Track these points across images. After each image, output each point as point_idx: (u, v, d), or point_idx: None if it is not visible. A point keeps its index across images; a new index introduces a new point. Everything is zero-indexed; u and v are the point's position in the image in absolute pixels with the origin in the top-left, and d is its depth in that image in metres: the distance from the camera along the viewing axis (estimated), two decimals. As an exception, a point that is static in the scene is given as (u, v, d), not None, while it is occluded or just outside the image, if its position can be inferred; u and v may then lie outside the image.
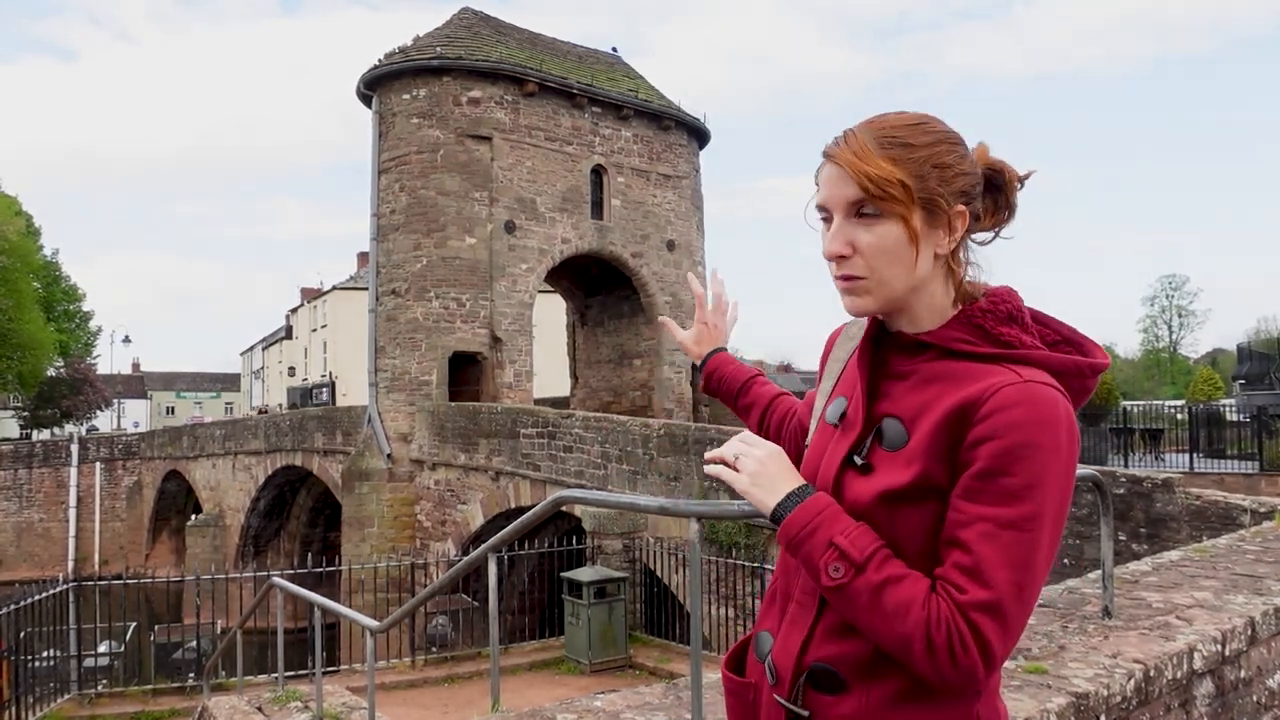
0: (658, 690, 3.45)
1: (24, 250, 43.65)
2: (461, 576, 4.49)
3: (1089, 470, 3.93)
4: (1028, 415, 1.28)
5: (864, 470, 1.41)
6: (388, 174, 23.26)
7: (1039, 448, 1.28)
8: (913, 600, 1.28)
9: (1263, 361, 26.04)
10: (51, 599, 11.56)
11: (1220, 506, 8.54)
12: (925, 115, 1.45)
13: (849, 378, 1.56)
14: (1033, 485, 1.28)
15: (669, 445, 14.36)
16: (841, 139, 1.44)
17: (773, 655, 1.49)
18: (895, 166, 1.38)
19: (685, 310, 26.76)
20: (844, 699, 1.39)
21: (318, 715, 5.98)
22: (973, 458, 1.30)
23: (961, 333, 1.42)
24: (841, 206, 1.42)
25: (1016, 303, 1.45)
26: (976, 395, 1.32)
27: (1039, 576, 1.30)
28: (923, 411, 1.38)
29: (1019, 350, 1.39)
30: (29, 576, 29.36)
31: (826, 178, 1.44)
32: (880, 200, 1.38)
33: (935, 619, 1.26)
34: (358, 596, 18.36)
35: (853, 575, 1.31)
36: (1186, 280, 72.63)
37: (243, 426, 34.46)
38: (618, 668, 12.13)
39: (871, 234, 1.39)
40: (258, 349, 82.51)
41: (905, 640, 1.28)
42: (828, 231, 1.45)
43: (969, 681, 1.28)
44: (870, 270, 1.40)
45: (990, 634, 1.26)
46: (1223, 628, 3.47)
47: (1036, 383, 1.32)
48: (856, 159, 1.39)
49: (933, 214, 1.40)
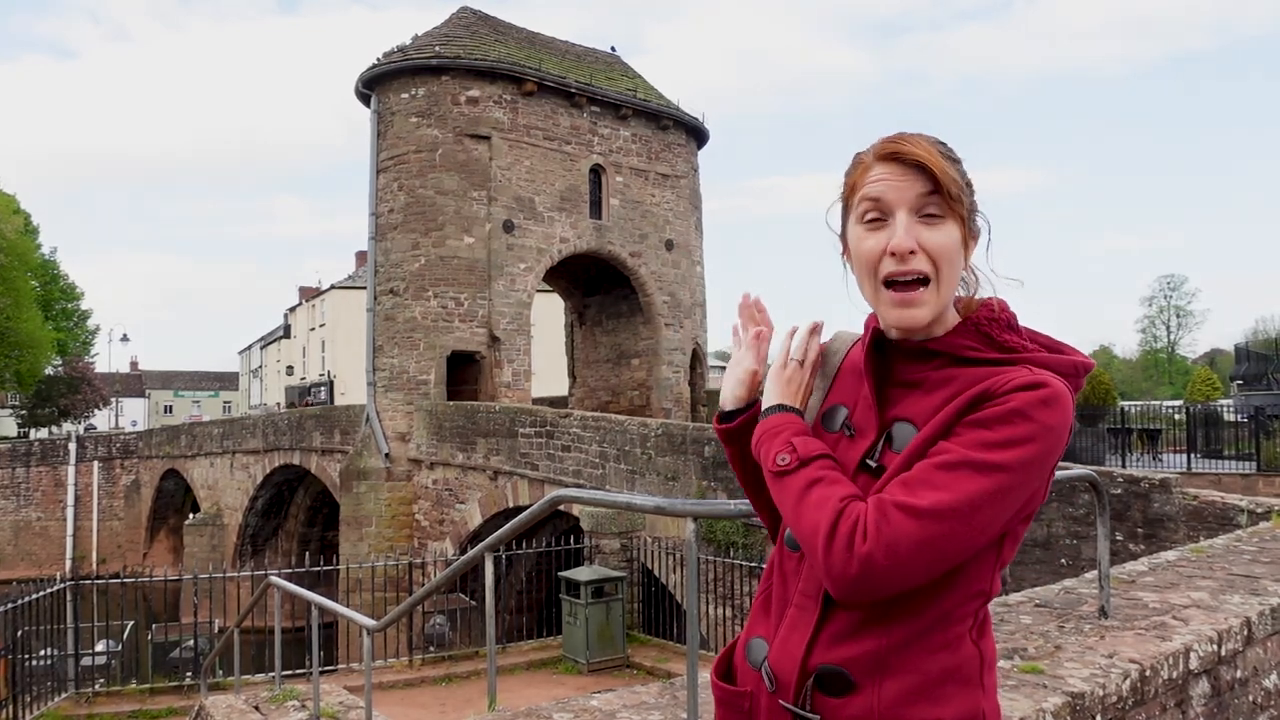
0: (654, 690, 3.46)
1: (22, 249, 43.64)
2: (459, 576, 4.49)
3: (1086, 470, 3.94)
4: (1032, 396, 1.34)
5: (878, 473, 1.43)
6: (386, 173, 23.25)
7: (1029, 419, 1.32)
8: (834, 495, 1.36)
9: (1261, 362, 26.04)
10: (49, 598, 11.54)
11: (1217, 507, 8.55)
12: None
13: (846, 387, 1.58)
14: (1009, 443, 1.31)
15: (667, 445, 14.37)
16: (898, 139, 1.45)
17: (770, 661, 1.48)
18: (956, 172, 1.44)
19: (683, 310, 26.78)
20: (853, 699, 1.38)
21: (315, 714, 5.97)
22: (970, 417, 1.35)
23: (970, 340, 1.45)
24: (909, 203, 1.42)
25: (1012, 311, 1.50)
26: (992, 384, 1.37)
27: (979, 525, 1.31)
28: (937, 414, 1.41)
29: (1023, 354, 1.43)
30: (27, 575, 29.29)
31: (885, 175, 1.44)
32: (952, 200, 1.42)
33: (847, 512, 1.33)
34: (355, 596, 18.32)
35: (796, 465, 1.43)
36: (1185, 280, 72.91)
37: (241, 425, 34.45)
38: (615, 667, 12.12)
39: (938, 233, 1.42)
40: (256, 348, 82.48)
41: (813, 528, 1.34)
42: (872, 232, 1.45)
43: (862, 581, 1.29)
44: (935, 270, 1.42)
45: (901, 531, 1.27)
46: (1219, 628, 3.47)
47: (1046, 375, 1.38)
48: (936, 155, 1.43)
49: (968, 224, 1.46)
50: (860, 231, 1.46)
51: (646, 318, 26.32)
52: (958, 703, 1.37)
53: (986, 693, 1.42)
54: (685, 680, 3.03)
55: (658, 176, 26.61)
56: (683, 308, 26.81)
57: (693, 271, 27.52)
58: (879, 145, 1.47)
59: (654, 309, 26.18)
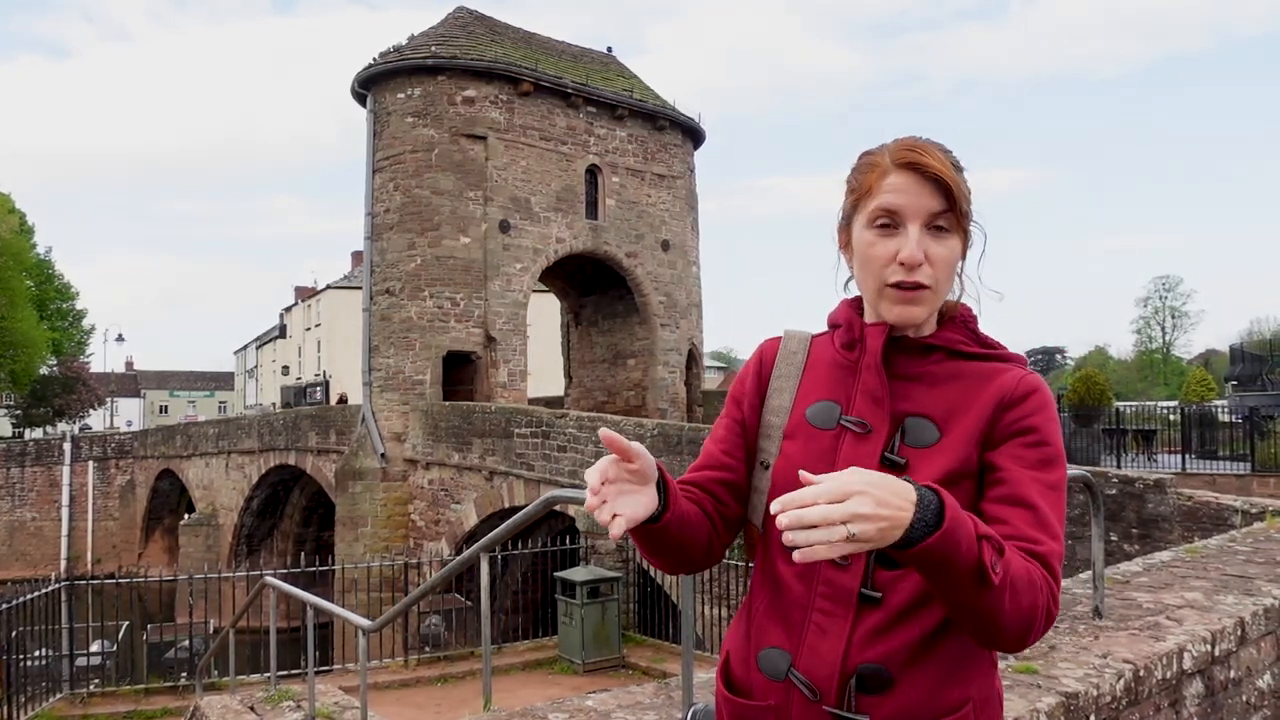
0: (649, 689, 3.46)
1: (17, 248, 43.54)
2: (455, 576, 4.50)
3: (1080, 471, 3.95)
4: (1046, 397, 1.47)
5: (901, 469, 1.44)
6: (382, 173, 23.22)
7: (1054, 424, 1.46)
8: (1029, 568, 1.29)
9: (1256, 363, 26.04)
10: (44, 598, 11.53)
11: (1212, 507, 8.56)
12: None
13: (828, 383, 1.58)
14: (1059, 454, 1.44)
15: (663, 445, 14.37)
16: (916, 149, 1.47)
17: (802, 669, 1.45)
18: (965, 186, 1.49)
19: (679, 310, 26.79)
20: (892, 695, 1.40)
21: (310, 714, 5.97)
22: (1017, 430, 1.43)
23: (960, 335, 1.54)
24: (923, 215, 1.46)
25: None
26: (1009, 387, 1.46)
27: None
28: (955, 409, 1.47)
29: (1001, 350, 1.55)
30: (21, 575, 29.23)
31: (902, 186, 1.46)
32: (960, 216, 1.48)
33: (1044, 579, 1.31)
34: (351, 596, 18.33)
35: (1007, 564, 1.24)
36: (1180, 281, 73.02)
37: (236, 426, 34.41)
38: (611, 667, 12.12)
39: (943, 247, 1.47)
40: (251, 348, 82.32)
41: (1034, 609, 1.28)
42: (881, 238, 1.47)
43: (1042, 633, 1.35)
44: (935, 281, 1.47)
45: (1059, 580, 1.36)
46: (1213, 628, 3.48)
47: (1034, 374, 1.50)
48: (953, 172, 1.46)
49: (967, 236, 1.52)
50: (870, 236, 1.48)
51: (642, 318, 26.32)
52: (979, 682, 1.45)
53: (997, 673, 1.52)
54: (680, 680, 3.04)
55: (654, 177, 26.61)
56: (679, 308, 26.82)
57: (689, 272, 27.53)
58: (897, 153, 1.47)
59: (650, 309, 26.18)
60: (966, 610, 1.25)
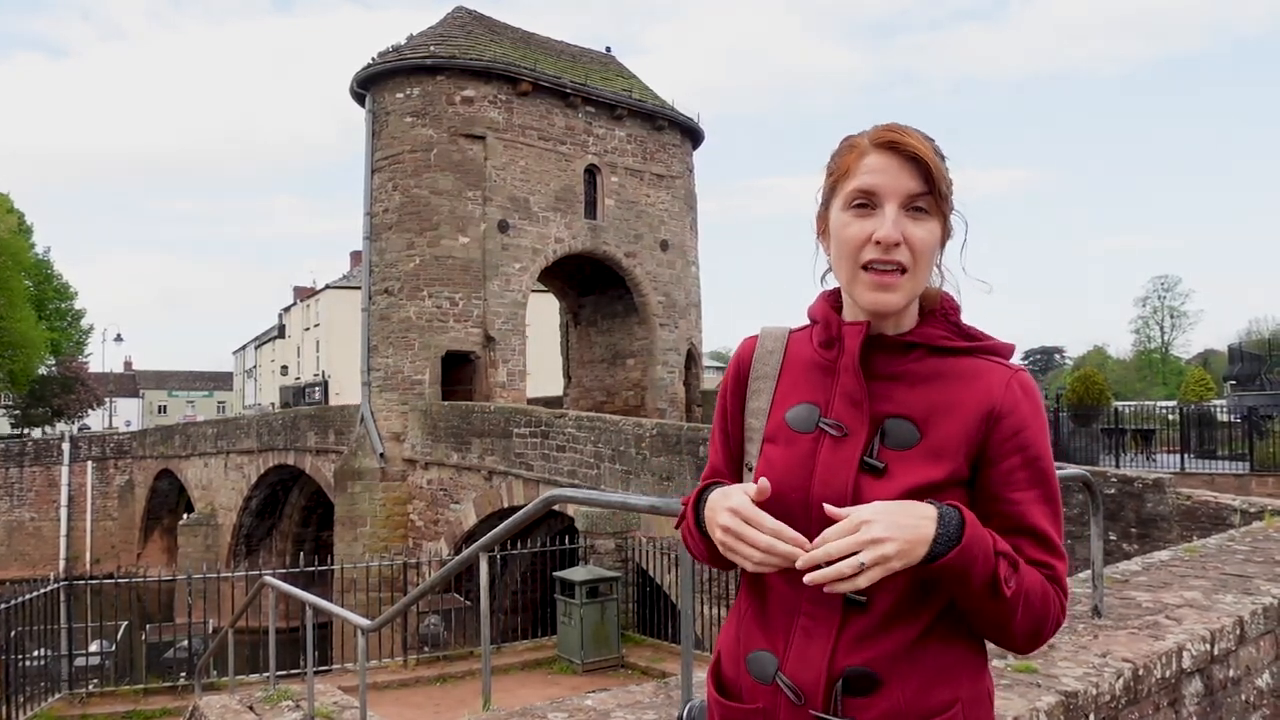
0: (649, 689, 3.46)
1: (15, 248, 43.50)
2: (454, 575, 4.49)
3: (1079, 470, 3.95)
4: (1035, 403, 1.46)
5: (881, 473, 1.42)
6: (381, 173, 23.22)
7: (1045, 429, 1.48)
8: (1042, 581, 1.41)
9: (1254, 362, 26.07)
10: (43, 598, 11.53)
11: (1211, 506, 8.57)
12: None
13: (806, 384, 1.55)
14: (1050, 462, 1.47)
15: (662, 445, 14.37)
16: (895, 130, 1.45)
17: (789, 674, 1.44)
18: (945, 170, 1.47)
19: (678, 310, 26.79)
20: (879, 697, 1.39)
21: (309, 714, 5.97)
22: (1011, 447, 1.43)
23: (941, 330, 1.50)
24: (900, 196, 1.43)
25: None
26: (997, 396, 1.44)
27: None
28: (936, 411, 1.44)
29: (986, 343, 1.51)
30: (20, 575, 29.21)
31: (880, 166, 1.44)
32: (940, 198, 1.45)
33: (1055, 593, 1.42)
34: (350, 596, 18.34)
35: (1020, 578, 1.38)
36: (1179, 281, 72.96)
37: (235, 425, 34.39)
38: (610, 667, 12.12)
39: (922, 229, 1.44)
40: (250, 348, 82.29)
41: (1045, 619, 1.41)
42: (858, 219, 1.45)
43: (1050, 637, 1.46)
44: (913, 264, 1.44)
45: (1067, 592, 1.45)
46: (1212, 627, 3.49)
47: (1021, 370, 1.48)
48: (930, 151, 1.44)
49: (946, 222, 1.48)
50: (846, 217, 1.46)
51: (641, 318, 26.33)
52: (968, 682, 1.44)
53: (988, 671, 1.51)
54: (680, 680, 3.04)
55: (653, 177, 26.61)
56: (678, 308, 26.82)
57: (688, 272, 27.53)
58: (875, 133, 1.46)
59: (649, 309, 26.19)
60: (981, 615, 1.39)
